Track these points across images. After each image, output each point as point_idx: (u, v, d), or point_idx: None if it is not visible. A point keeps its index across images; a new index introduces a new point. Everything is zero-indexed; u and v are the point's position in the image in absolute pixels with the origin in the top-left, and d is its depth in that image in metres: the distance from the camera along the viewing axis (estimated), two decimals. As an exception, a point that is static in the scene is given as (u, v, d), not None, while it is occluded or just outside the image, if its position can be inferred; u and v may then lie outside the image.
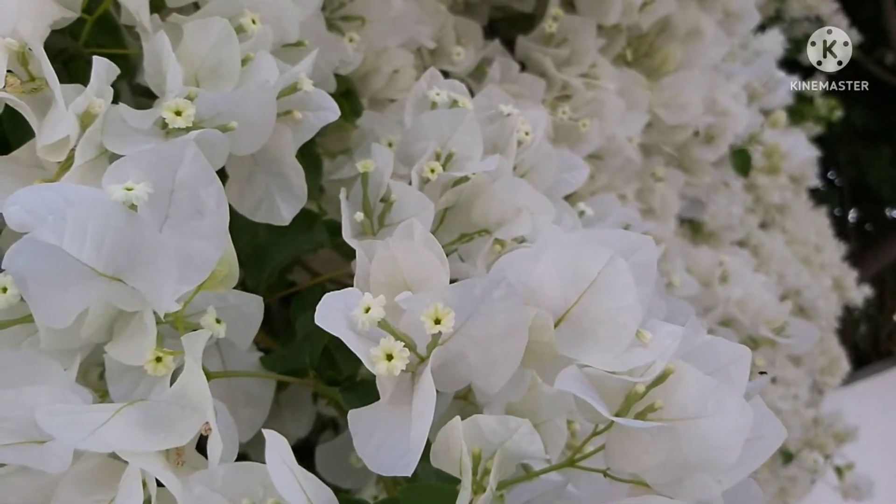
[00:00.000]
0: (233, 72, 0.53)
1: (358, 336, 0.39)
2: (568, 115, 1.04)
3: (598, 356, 0.42)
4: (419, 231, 0.46)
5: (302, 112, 0.57)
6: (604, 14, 1.12)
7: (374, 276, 0.44)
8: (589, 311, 0.43)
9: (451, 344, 0.40)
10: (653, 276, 0.46)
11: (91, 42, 0.64)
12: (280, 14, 0.59)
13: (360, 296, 0.40)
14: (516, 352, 0.40)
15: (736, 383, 0.42)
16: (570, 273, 0.43)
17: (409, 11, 0.89)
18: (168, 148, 0.40)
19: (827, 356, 3.05)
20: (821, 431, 2.57)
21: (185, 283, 0.40)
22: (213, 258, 0.40)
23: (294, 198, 0.57)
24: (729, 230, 2.63)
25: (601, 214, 0.79)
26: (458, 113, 0.65)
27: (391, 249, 0.43)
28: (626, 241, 0.46)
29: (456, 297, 0.39)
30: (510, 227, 0.63)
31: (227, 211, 0.40)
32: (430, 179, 0.62)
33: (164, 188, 0.39)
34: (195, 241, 0.40)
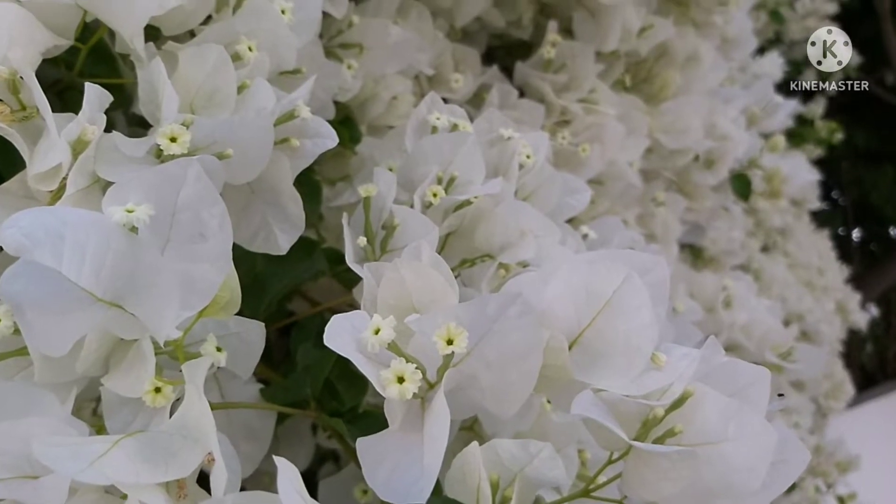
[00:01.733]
0: (229, 99, 0.52)
1: (367, 359, 0.38)
2: (568, 141, 1.03)
3: (613, 380, 0.41)
4: (427, 252, 0.45)
5: (300, 139, 0.56)
6: (602, 40, 1.12)
7: (382, 298, 0.42)
8: (603, 333, 0.42)
9: (464, 366, 0.38)
10: (666, 297, 0.45)
11: (85, 72, 0.64)
12: (277, 41, 0.58)
13: (367, 318, 0.39)
14: (531, 374, 0.39)
15: (757, 405, 0.40)
16: (584, 294, 0.42)
17: (408, 39, 0.89)
18: (171, 168, 0.39)
19: (831, 380, 3.03)
20: (823, 459, 2.54)
21: (187, 308, 0.39)
22: (216, 282, 0.39)
23: (292, 227, 0.56)
24: (730, 255, 2.62)
25: (604, 238, 0.78)
26: (460, 136, 0.64)
27: (400, 271, 0.42)
28: (638, 261, 0.45)
29: (469, 316, 0.37)
30: (514, 251, 0.62)
31: (230, 233, 0.39)
32: (432, 203, 0.61)
33: (166, 209, 0.38)
34: (198, 265, 0.39)
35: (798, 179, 1.80)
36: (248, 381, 0.65)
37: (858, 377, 4.24)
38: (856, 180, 4.55)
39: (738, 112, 1.54)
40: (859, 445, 3.04)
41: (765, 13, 2.80)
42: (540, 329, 0.39)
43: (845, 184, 4.70)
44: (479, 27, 1.16)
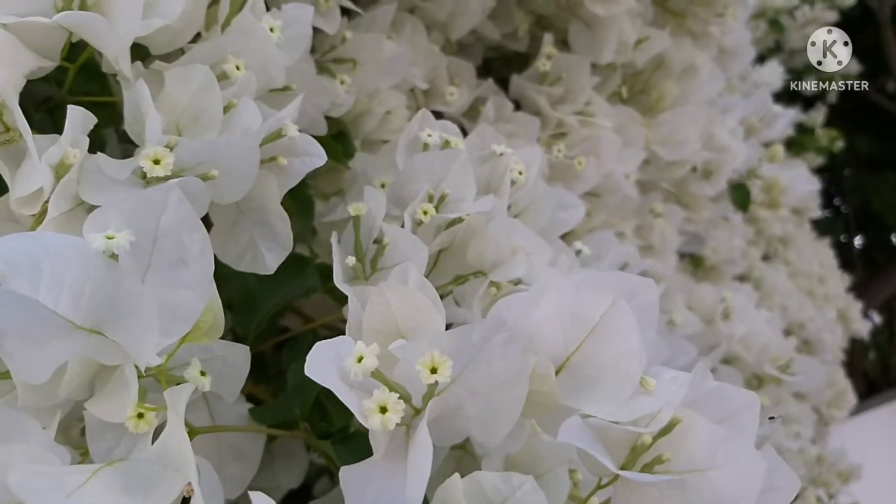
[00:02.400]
0: (215, 119, 0.51)
1: (350, 387, 0.37)
2: (563, 154, 1.03)
3: (602, 405, 0.40)
4: (413, 276, 0.45)
5: (287, 158, 0.55)
6: (598, 52, 1.12)
7: (367, 323, 0.42)
8: (591, 357, 0.41)
9: (449, 394, 0.38)
10: (655, 320, 0.44)
11: (76, 89, 0.63)
12: (265, 60, 0.58)
13: (352, 344, 0.39)
14: (517, 402, 0.38)
15: (746, 431, 0.40)
16: (571, 318, 0.41)
17: (402, 53, 0.89)
18: (151, 193, 0.38)
19: (833, 389, 3.01)
20: (825, 469, 2.52)
21: (169, 335, 0.38)
22: (197, 308, 0.39)
23: (279, 246, 0.56)
24: (730, 264, 2.61)
25: (598, 253, 0.78)
26: (451, 154, 0.64)
27: (385, 295, 0.42)
28: (627, 283, 0.45)
29: (453, 344, 0.37)
30: (505, 269, 0.62)
31: (211, 259, 0.39)
32: (423, 222, 0.60)
33: (147, 235, 0.38)
34: (179, 291, 0.38)
35: (797, 189, 1.80)
36: (237, 400, 0.64)
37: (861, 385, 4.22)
38: (857, 188, 4.55)
39: (736, 122, 1.54)
40: (862, 454, 3.03)
41: (764, 22, 2.80)
42: (526, 357, 0.38)
43: (847, 191, 4.70)
44: (474, 39, 1.16)
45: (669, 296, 1.29)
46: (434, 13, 1.02)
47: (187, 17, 0.57)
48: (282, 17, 0.63)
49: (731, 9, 1.32)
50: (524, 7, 1.16)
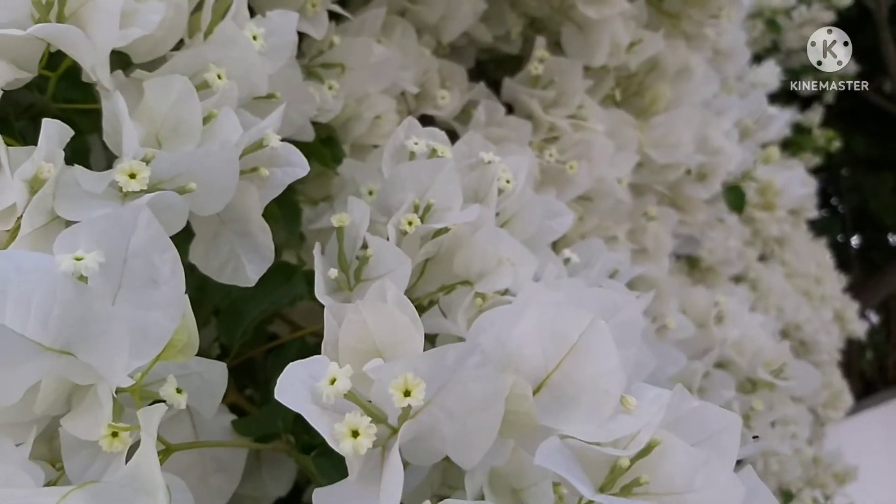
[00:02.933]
0: (194, 130, 0.51)
1: (322, 410, 0.37)
2: (555, 158, 1.02)
3: (581, 425, 0.40)
4: (392, 293, 0.44)
5: (269, 168, 0.55)
6: (591, 55, 1.11)
7: (344, 341, 0.41)
8: (570, 376, 0.41)
9: (424, 416, 0.37)
10: (638, 336, 0.44)
11: (59, 96, 0.63)
12: (248, 68, 0.57)
13: (326, 365, 0.38)
14: (493, 423, 0.38)
15: (726, 453, 0.39)
16: (551, 336, 0.41)
17: (391, 57, 0.88)
18: (121, 214, 0.38)
19: (829, 390, 3.01)
20: (821, 471, 2.52)
21: (139, 357, 0.38)
22: (168, 329, 0.38)
23: (261, 258, 0.55)
24: (727, 265, 2.60)
25: (588, 261, 0.77)
26: (436, 163, 0.63)
27: (362, 313, 0.41)
28: (608, 300, 0.44)
29: (427, 367, 0.36)
30: (491, 280, 0.61)
31: (182, 279, 0.38)
32: (407, 232, 0.60)
33: (118, 256, 0.37)
34: (150, 312, 0.37)
35: (792, 192, 1.79)
36: (220, 412, 0.64)
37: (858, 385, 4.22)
38: (855, 188, 4.55)
39: (731, 124, 1.53)
40: (859, 454, 3.03)
41: (761, 22, 2.79)
42: (500, 379, 0.37)
43: (844, 191, 4.69)
44: (467, 42, 1.15)
45: (663, 299, 1.28)
46: (425, 16, 1.01)
47: (168, 25, 0.57)
48: (266, 25, 0.62)
49: (726, 10, 1.32)
50: (517, 9, 1.15)
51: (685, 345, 1.23)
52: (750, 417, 1.14)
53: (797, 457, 2.60)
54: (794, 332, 2.83)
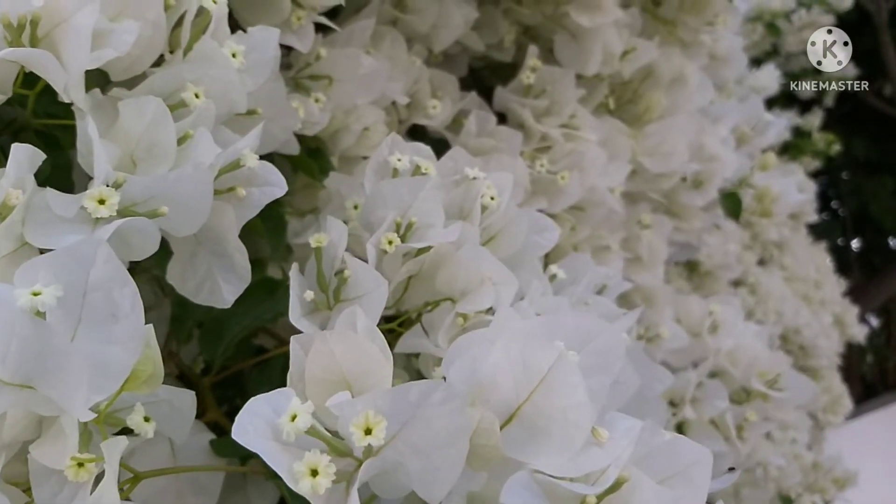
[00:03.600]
0: (168, 152, 0.50)
1: (284, 446, 0.36)
2: (546, 168, 1.01)
3: (552, 457, 0.39)
4: (362, 322, 0.43)
5: (247, 188, 0.54)
6: (584, 64, 1.11)
7: (311, 371, 0.41)
8: (541, 408, 0.40)
9: (388, 452, 0.37)
10: (615, 364, 0.43)
11: (40, 112, 0.62)
12: (227, 86, 0.57)
13: (290, 398, 0.37)
14: (458, 458, 0.37)
15: (698, 488, 0.39)
16: (522, 367, 0.40)
17: (379, 69, 0.87)
18: (80, 248, 0.37)
19: (829, 394, 3.00)
20: (821, 476, 2.52)
21: (99, 392, 0.37)
22: (127, 364, 0.37)
23: (238, 279, 0.54)
24: (725, 269, 2.59)
25: (574, 276, 0.76)
26: (418, 181, 0.63)
27: (329, 343, 0.41)
28: (583, 328, 0.44)
29: (389, 404, 0.36)
30: (473, 299, 0.60)
31: (142, 314, 0.38)
32: (387, 251, 0.59)
33: (77, 289, 0.37)
34: (110, 347, 0.37)
35: (789, 198, 1.78)
36: (199, 431, 0.63)
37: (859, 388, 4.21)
38: (855, 191, 4.53)
39: (727, 131, 1.52)
40: (859, 457, 3.02)
41: (761, 25, 2.78)
42: (465, 415, 0.37)
43: (844, 194, 4.68)
44: (460, 50, 1.15)
45: (657, 308, 1.27)
46: (416, 25, 1.01)
47: (145, 43, 0.56)
48: (247, 41, 0.62)
49: (722, 17, 1.31)
50: (510, 17, 1.15)
51: (679, 354, 1.23)
52: (743, 428, 1.14)
53: (796, 462, 2.59)
54: (794, 337, 2.83)
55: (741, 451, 1.12)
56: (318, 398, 0.40)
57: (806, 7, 2.81)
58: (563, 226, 1.08)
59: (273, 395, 0.38)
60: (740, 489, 2.13)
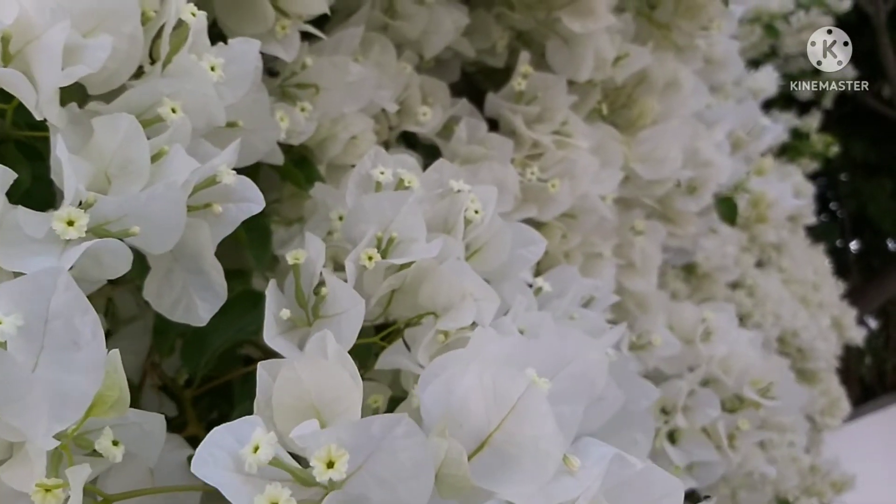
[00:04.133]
0: (143, 169, 0.49)
1: (246, 478, 0.36)
2: (537, 176, 1.01)
3: (522, 487, 0.39)
4: (332, 347, 0.43)
5: (223, 204, 0.54)
6: (576, 70, 1.10)
7: (278, 398, 0.40)
8: (512, 436, 0.40)
9: (352, 484, 0.36)
10: (590, 388, 0.43)
11: (21, 122, 0.62)
12: (205, 100, 0.56)
13: (254, 428, 0.37)
14: (423, 491, 0.36)
15: (669, 520, 0.38)
16: (492, 395, 0.40)
17: (367, 76, 0.87)
18: (40, 276, 0.37)
19: (827, 397, 3.00)
20: (818, 479, 2.51)
21: (60, 421, 0.37)
22: (89, 393, 0.37)
23: (214, 296, 0.54)
24: (723, 271, 2.58)
25: (561, 289, 0.76)
26: (400, 196, 0.62)
27: (296, 370, 0.40)
28: (559, 352, 0.43)
29: (352, 437, 0.35)
30: (454, 315, 0.60)
31: (103, 342, 0.37)
32: (367, 267, 0.59)
33: (38, 317, 0.36)
34: (71, 376, 0.36)
35: (785, 204, 1.77)
36: (178, 446, 0.63)
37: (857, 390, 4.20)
38: (853, 193, 4.52)
39: (723, 135, 1.52)
40: (858, 459, 3.01)
41: (759, 27, 2.77)
42: (430, 447, 0.36)
43: (843, 196, 4.66)
44: (452, 55, 1.14)
45: (650, 314, 1.27)
46: (406, 32, 1.00)
47: (123, 57, 0.55)
48: (226, 53, 0.61)
49: (717, 22, 1.30)
50: (502, 23, 1.14)
51: (671, 361, 1.22)
52: (735, 437, 1.13)
53: (794, 465, 2.59)
54: (792, 339, 2.82)
55: (732, 461, 1.12)
56: (285, 425, 0.40)
57: (804, 9, 2.80)
58: (553, 233, 1.08)
59: (237, 425, 0.38)
60: (737, 492, 2.13)
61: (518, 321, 0.65)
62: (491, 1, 1.16)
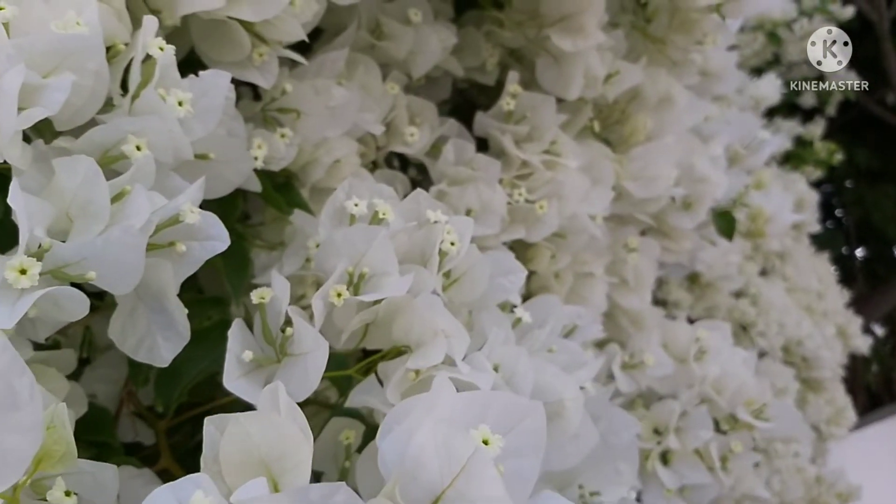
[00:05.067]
0: (102, 210, 0.49)
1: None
2: (525, 197, 1.00)
3: (473, 546, 0.38)
4: (283, 401, 0.42)
5: (187, 242, 0.53)
6: (565, 88, 1.09)
7: (226, 454, 0.40)
8: (463, 494, 0.39)
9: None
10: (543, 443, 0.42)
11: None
12: (171, 136, 0.56)
13: (197, 486, 0.36)
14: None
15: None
16: (445, 452, 0.39)
17: (351, 100, 0.86)
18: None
19: (833, 406, 2.98)
20: (824, 490, 2.49)
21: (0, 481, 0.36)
22: (28, 454, 0.36)
23: (177, 336, 0.53)
24: (726, 280, 2.57)
25: (541, 318, 0.75)
26: (371, 231, 0.61)
27: (243, 425, 0.39)
28: (513, 407, 0.42)
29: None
30: (425, 353, 0.59)
31: (41, 403, 0.36)
32: (336, 305, 0.58)
33: (-23, 377, 0.36)
34: (10, 436, 0.36)
35: (783, 219, 1.76)
36: (148, 482, 0.62)
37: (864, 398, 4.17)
38: (858, 200, 4.48)
39: (721, 148, 1.50)
40: (865, 469, 2.99)
41: (762, 35, 2.75)
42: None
43: (847, 203, 4.63)
44: (442, 72, 1.13)
45: (644, 333, 1.26)
46: (393, 52, 0.99)
47: (88, 94, 0.55)
48: (197, 86, 0.60)
49: (711, 36, 1.28)
50: (492, 40, 1.13)
51: (664, 381, 1.21)
52: (728, 459, 1.12)
53: (799, 475, 2.57)
54: (796, 349, 2.80)
55: (725, 483, 1.11)
56: (234, 481, 0.39)
57: (807, 16, 2.78)
58: (542, 254, 1.07)
59: (180, 484, 0.37)
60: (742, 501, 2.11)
61: (493, 356, 0.64)
62: (481, 18, 1.15)
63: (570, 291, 1.12)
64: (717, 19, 1.29)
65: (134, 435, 0.76)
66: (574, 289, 1.13)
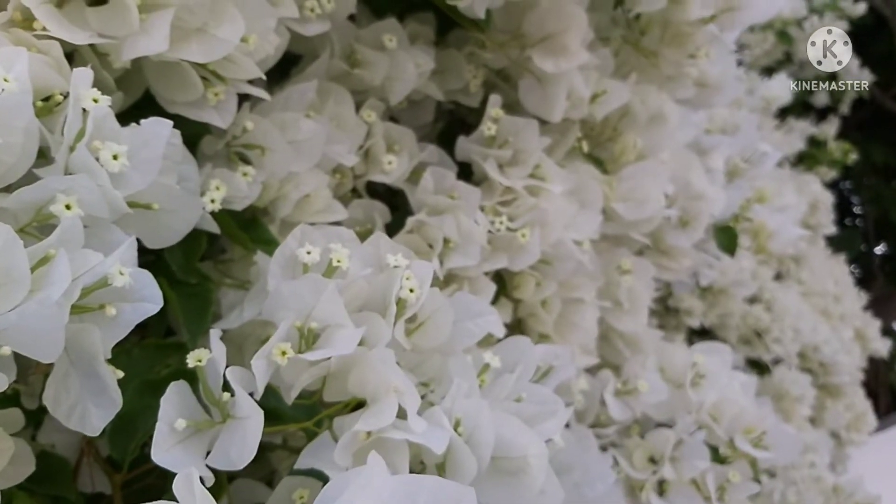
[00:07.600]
0: (22, 278, 0.47)
1: None
2: (506, 225, 0.97)
3: None
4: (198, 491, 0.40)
5: (118, 305, 0.51)
6: (549, 110, 1.06)
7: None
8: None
9: None
10: None
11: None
12: (104, 192, 0.54)
13: None
14: None
15: None
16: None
17: (319, 132, 0.83)
18: None
19: (852, 411, 2.92)
20: (842, 500, 2.43)
21: None
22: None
23: (109, 402, 0.51)
24: (740, 286, 2.51)
25: (514, 361, 0.72)
26: (320, 283, 0.59)
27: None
28: (443, 492, 0.40)
29: None
30: (376, 411, 0.57)
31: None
32: (280, 365, 0.56)
33: None
34: None
35: (786, 234, 1.71)
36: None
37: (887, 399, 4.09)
38: (876, 197, 4.40)
39: (721, 161, 1.47)
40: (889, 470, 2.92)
41: (772, 34, 2.70)
42: None
43: (865, 201, 4.54)
44: (423, 95, 1.10)
45: (640, 356, 1.22)
46: (367, 79, 0.97)
47: (18, 151, 0.53)
48: (138, 136, 0.58)
49: (704, 49, 1.25)
50: (474, 62, 1.10)
51: (660, 407, 1.17)
52: (725, 490, 1.08)
53: (816, 485, 2.51)
54: (813, 354, 2.75)
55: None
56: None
57: (818, 13, 2.72)
58: (527, 283, 1.04)
59: None
60: (761, 515, 2.07)
61: (455, 409, 0.61)
62: (463, 39, 1.12)
63: (559, 318, 1.08)
64: (711, 32, 1.26)
65: (91, 486, 0.74)
66: (564, 315, 1.09)
